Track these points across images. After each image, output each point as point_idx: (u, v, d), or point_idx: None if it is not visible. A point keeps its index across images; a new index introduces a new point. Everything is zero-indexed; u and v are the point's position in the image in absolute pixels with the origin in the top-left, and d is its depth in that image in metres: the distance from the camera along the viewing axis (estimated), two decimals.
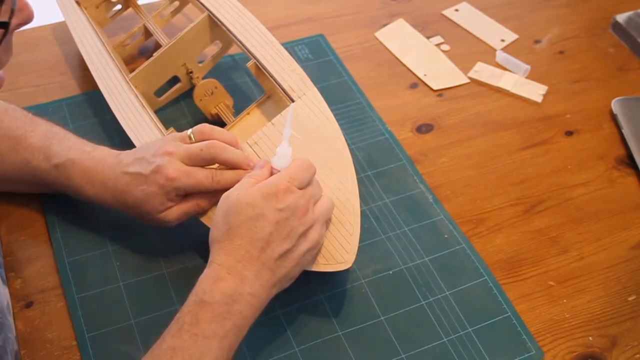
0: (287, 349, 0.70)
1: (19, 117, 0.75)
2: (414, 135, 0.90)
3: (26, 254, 0.76)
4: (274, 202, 0.64)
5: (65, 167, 0.72)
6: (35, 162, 0.73)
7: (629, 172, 0.89)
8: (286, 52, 0.82)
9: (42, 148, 0.73)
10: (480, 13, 1.08)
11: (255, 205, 0.64)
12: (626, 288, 0.77)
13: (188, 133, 0.73)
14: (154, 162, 0.69)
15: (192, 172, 0.70)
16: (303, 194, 0.66)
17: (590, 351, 0.72)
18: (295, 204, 0.64)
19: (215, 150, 0.70)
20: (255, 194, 0.64)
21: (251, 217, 0.63)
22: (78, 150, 0.73)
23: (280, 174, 0.66)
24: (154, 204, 0.70)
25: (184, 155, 0.70)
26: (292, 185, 0.65)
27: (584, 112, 0.95)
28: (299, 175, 0.66)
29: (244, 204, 0.64)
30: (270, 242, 0.63)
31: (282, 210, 0.64)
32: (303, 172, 0.67)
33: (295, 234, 0.64)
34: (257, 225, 0.63)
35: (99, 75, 0.84)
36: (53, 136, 0.74)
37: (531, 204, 0.84)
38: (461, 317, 0.73)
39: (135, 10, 0.95)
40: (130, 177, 0.70)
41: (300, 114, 0.77)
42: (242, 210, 0.64)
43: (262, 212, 0.63)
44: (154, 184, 0.69)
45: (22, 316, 0.71)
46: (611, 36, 1.06)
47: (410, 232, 0.80)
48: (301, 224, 0.65)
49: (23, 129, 0.74)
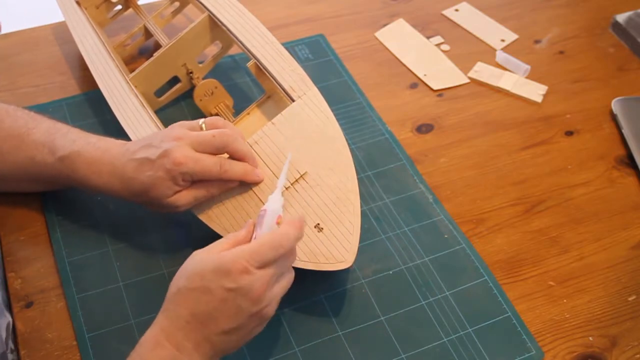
0: (287, 349, 0.70)
1: (20, 116, 0.75)
2: (414, 135, 0.91)
3: (26, 254, 0.76)
4: (224, 279, 0.59)
5: (71, 159, 0.72)
6: (40, 157, 0.73)
7: (629, 172, 0.89)
8: (286, 52, 0.82)
9: (45, 143, 0.73)
10: (480, 13, 1.08)
11: (204, 277, 0.59)
12: (626, 288, 0.77)
13: (200, 123, 0.72)
14: (162, 147, 0.69)
15: (201, 158, 0.69)
16: (261, 277, 0.60)
17: (591, 351, 0.72)
18: (248, 286, 0.59)
19: (227, 138, 0.70)
20: (208, 265, 0.60)
21: (197, 289, 0.59)
22: (83, 142, 0.73)
23: (242, 250, 0.60)
24: (161, 189, 0.69)
25: (193, 140, 0.69)
26: (251, 266, 0.59)
27: (584, 112, 0.95)
28: (262, 255, 0.60)
29: (195, 273, 0.60)
30: (214, 317, 0.59)
31: (231, 290, 0.59)
32: (268, 251, 0.60)
33: (244, 314, 0.60)
34: (202, 298, 0.59)
35: (99, 75, 0.84)
36: (56, 131, 0.74)
37: (531, 204, 0.84)
38: (461, 317, 0.73)
39: (136, 10, 0.95)
40: (137, 162, 0.69)
41: (301, 114, 0.77)
42: (192, 279, 0.60)
43: (209, 286, 0.59)
44: (160, 169, 0.68)
45: (22, 316, 0.71)
46: (611, 36, 1.06)
47: (410, 232, 0.80)
48: (253, 304, 0.60)
49: (25, 127, 0.74)
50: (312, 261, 0.70)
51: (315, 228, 0.71)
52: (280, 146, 0.75)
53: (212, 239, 0.72)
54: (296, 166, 0.74)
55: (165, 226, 0.79)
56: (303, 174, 0.74)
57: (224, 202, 0.73)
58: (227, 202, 0.73)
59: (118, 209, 0.80)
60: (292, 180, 0.73)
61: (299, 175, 0.73)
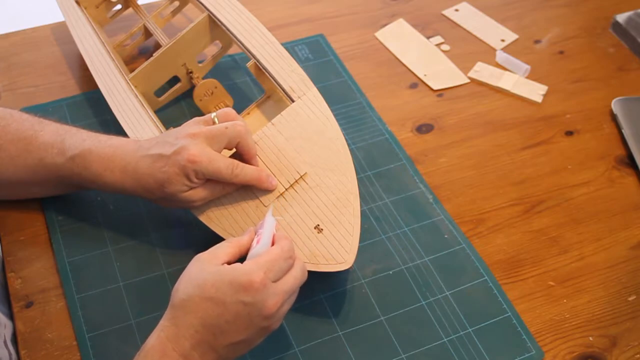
0: (287, 349, 0.70)
1: (27, 119, 0.75)
2: (414, 135, 0.91)
3: (26, 254, 0.76)
4: (241, 293, 0.59)
5: (82, 157, 0.71)
6: (50, 159, 0.72)
7: (629, 172, 0.89)
8: (286, 52, 0.82)
9: (54, 143, 0.72)
10: (480, 13, 1.08)
11: (219, 289, 0.59)
12: (626, 288, 0.77)
13: (212, 116, 0.72)
14: (177, 144, 0.68)
15: (214, 158, 0.68)
16: (275, 292, 0.61)
17: (591, 351, 0.72)
18: (263, 302, 0.60)
19: (240, 128, 0.70)
20: (224, 276, 0.60)
21: (211, 300, 0.59)
22: (93, 140, 0.72)
23: (258, 263, 0.61)
24: (175, 185, 0.68)
25: (207, 135, 0.69)
26: (268, 279, 0.60)
27: (584, 112, 0.95)
28: (277, 266, 0.61)
29: (209, 284, 0.59)
30: (225, 330, 0.60)
31: (246, 305, 0.59)
32: (282, 262, 0.62)
33: (254, 328, 0.61)
34: (215, 310, 0.59)
35: (99, 75, 0.84)
36: (64, 132, 0.74)
37: (531, 204, 0.84)
38: (461, 317, 0.73)
39: (135, 10, 0.95)
40: (152, 159, 0.69)
41: (301, 114, 0.77)
42: (205, 289, 0.59)
43: (224, 299, 0.59)
44: (175, 165, 0.68)
45: (22, 316, 0.71)
46: (611, 36, 1.06)
47: (410, 232, 0.80)
48: (264, 319, 0.60)
49: (32, 130, 0.73)
50: (312, 262, 0.70)
51: (315, 229, 0.71)
52: (280, 146, 0.75)
53: (212, 239, 0.72)
54: (296, 167, 0.74)
55: (165, 226, 0.79)
56: (303, 175, 0.74)
57: (224, 204, 0.73)
58: (228, 203, 0.73)
59: (118, 209, 0.80)
60: (291, 181, 0.73)
61: (298, 175, 0.73)
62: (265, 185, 0.72)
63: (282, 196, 0.73)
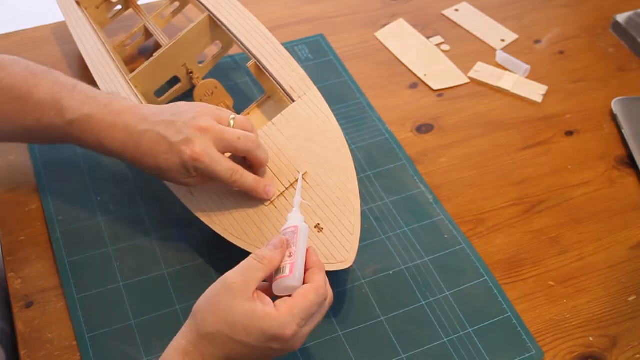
0: None
1: (18, 72, 0.71)
2: (414, 135, 0.91)
3: (26, 254, 0.76)
4: (272, 342, 0.59)
5: (81, 123, 0.70)
6: (47, 120, 0.70)
7: (629, 172, 0.89)
8: (286, 52, 0.82)
9: (52, 103, 0.70)
10: (480, 13, 1.08)
11: (251, 335, 0.58)
12: (626, 288, 0.77)
13: (230, 117, 0.70)
14: (184, 133, 0.67)
15: (217, 160, 0.68)
16: (304, 334, 0.61)
17: (591, 351, 0.72)
18: (290, 345, 0.60)
19: (252, 144, 0.69)
20: (257, 323, 0.58)
21: (240, 343, 0.58)
22: (93, 104, 0.70)
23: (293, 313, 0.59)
24: (174, 173, 0.69)
25: (218, 135, 0.68)
26: (300, 327, 0.59)
27: (584, 112, 0.95)
28: (310, 313, 0.60)
29: (240, 326, 0.58)
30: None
31: (275, 350, 0.59)
32: (315, 308, 0.60)
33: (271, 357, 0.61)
34: (242, 351, 0.59)
35: (99, 75, 0.84)
36: (61, 89, 0.71)
37: (531, 204, 0.84)
38: (461, 317, 0.73)
39: (136, 10, 0.95)
40: (155, 136, 0.68)
41: (301, 113, 0.77)
42: (236, 331, 0.58)
43: (254, 345, 0.58)
44: (176, 155, 0.67)
45: (22, 316, 0.71)
46: (611, 36, 1.06)
47: (410, 232, 0.80)
48: (283, 353, 0.61)
49: (26, 85, 0.70)
50: None
51: (316, 228, 0.71)
52: (280, 146, 0.75)
53: (212, 239, 0.72)
54: (296, 166, 0.74)
55: (165, 226, 0.79)
56: (303, 174, 0.74)
57: (224, 203, 0.73)
58: (228, 203, 0.73)
59: (118, 209, 0.80)
60: (291, 180, 0.73)
61: (299, 175, 0.73)
62: (260, 197, 0.72)
63: (282, 195, 0.73)
